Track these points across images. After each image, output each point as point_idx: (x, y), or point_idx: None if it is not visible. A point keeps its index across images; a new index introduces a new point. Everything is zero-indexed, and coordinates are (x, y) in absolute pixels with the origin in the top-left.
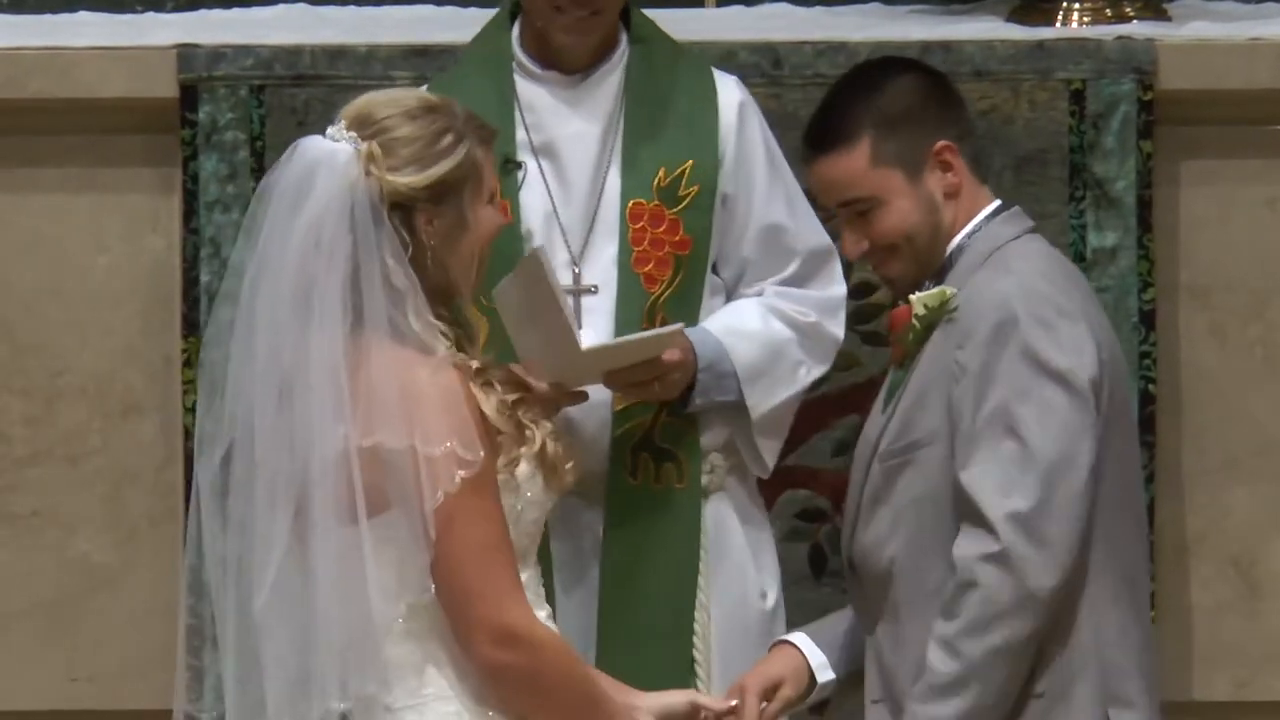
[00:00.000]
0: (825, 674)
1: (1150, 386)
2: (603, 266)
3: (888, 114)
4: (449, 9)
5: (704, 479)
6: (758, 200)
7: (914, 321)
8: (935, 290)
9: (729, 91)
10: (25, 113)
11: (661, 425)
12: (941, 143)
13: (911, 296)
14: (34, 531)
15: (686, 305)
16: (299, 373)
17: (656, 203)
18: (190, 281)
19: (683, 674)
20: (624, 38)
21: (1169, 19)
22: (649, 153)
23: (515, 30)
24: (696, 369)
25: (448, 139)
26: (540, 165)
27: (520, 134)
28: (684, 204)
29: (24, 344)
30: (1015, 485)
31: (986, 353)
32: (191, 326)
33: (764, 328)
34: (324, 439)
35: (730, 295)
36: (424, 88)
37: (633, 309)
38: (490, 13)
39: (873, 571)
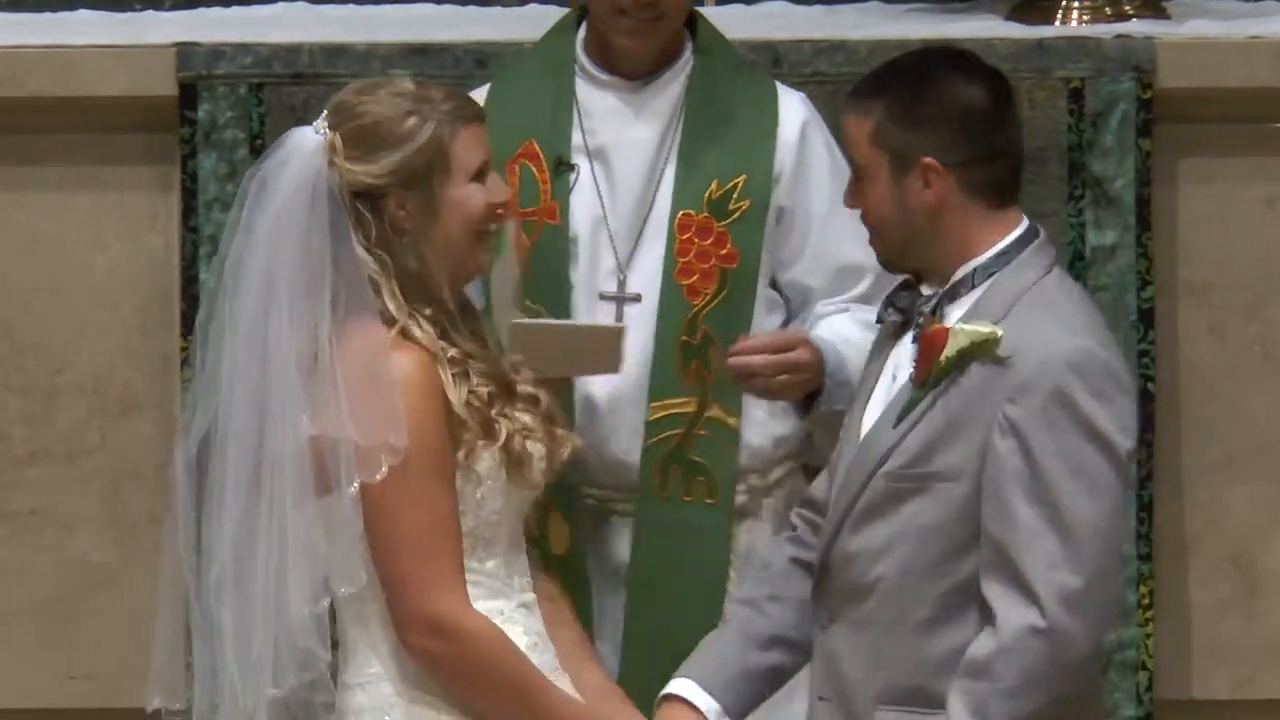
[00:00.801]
0: (719, 717)
1: (1149, 385)
2: (647, 275)
3: (906, 106)
4: (448, 7)
5: (739, 499)
6: (816, 219)
7: (950, 350)
8: (980, 326)
9: (792, 108)
10: (24, 111)
11: (696, 439)
12: (929, 160)
13: (954, 325)
14: (33, 530)
15: (734, 320)
16: (264, 360)
17: (705, 215)
18: (189, 280)
19: None
20: (689, 47)
21: (1168, 17)
22: (702, 164)
23: (580, 33)
24: (824, 374)
25: (410, 122)
26: (593, 169)
27: (576, 137)
28: (733, 218)
29: (23, 342)
30: (1065, 560)
31: (1044, 419)
32: (190, 325)
33: (865, 341)
34: (281, 425)
35: (796, 310)
36: (488, 85)
37: (674, 319)
38: (490, 11)
39: (852, 580)
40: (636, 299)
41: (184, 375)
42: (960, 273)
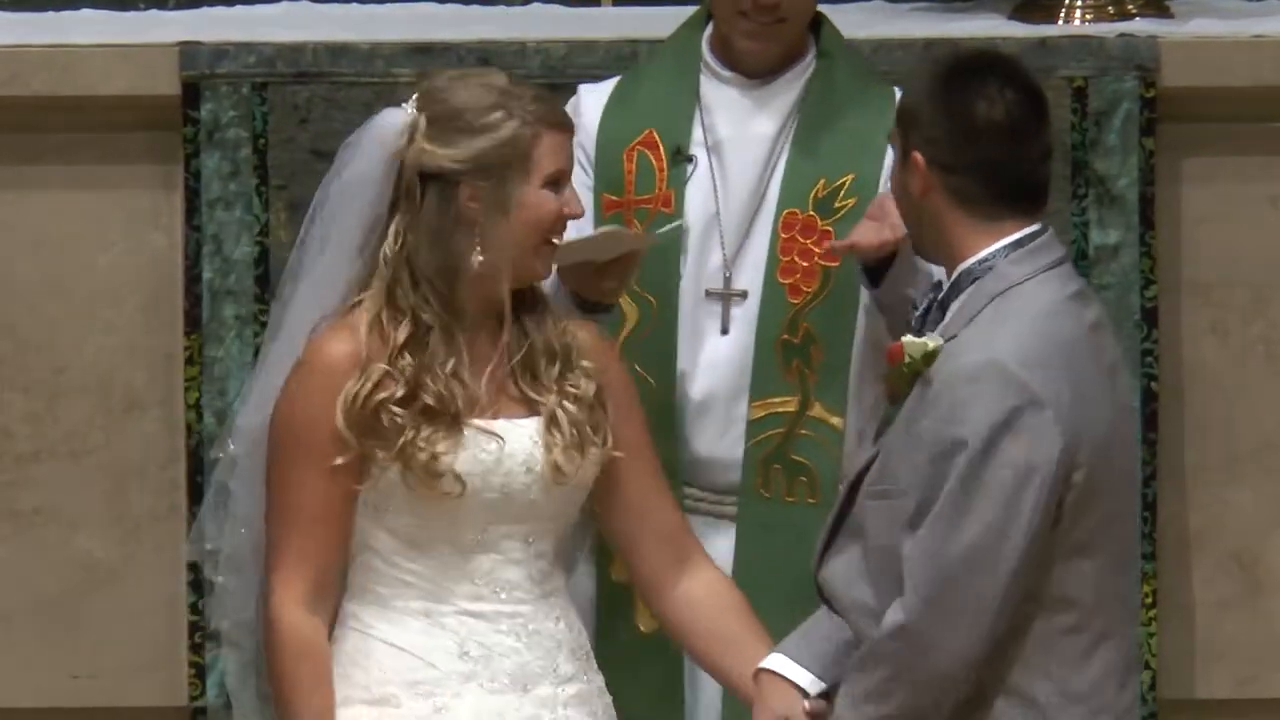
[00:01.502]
0: (818, 687)
1: (1152, 384)
2: (751, 272)
3: (915, 101)
4: (451, 6)
5: None
6: None
7: (904, 365)
8: (924, 340)
9: None
10: (28, 110)
11: (798, 438)
12: (916, 154)
13: (904, 339)
14: (36, 528)
15: (836, 319)
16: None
17: (810, 213)
18: (192, 278)
19: None
20: (813, 50)
21: (1171, 16)
22: (812, 164)
23: (707, 31)
24: (899, 249)
25: (495, 115)
26: (711, 163)
27: (696, 131)
28: (838, 216)
29: (26, 341)
30: (928, 570)
31: (943, 430)
32: (193, 323)
33: None
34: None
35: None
36: (617, 78)
37: (775, 318)
38: (492, 11)
39: (835, 601)
40: (743, 296)
41: (187, 373)
42: (953, 276)
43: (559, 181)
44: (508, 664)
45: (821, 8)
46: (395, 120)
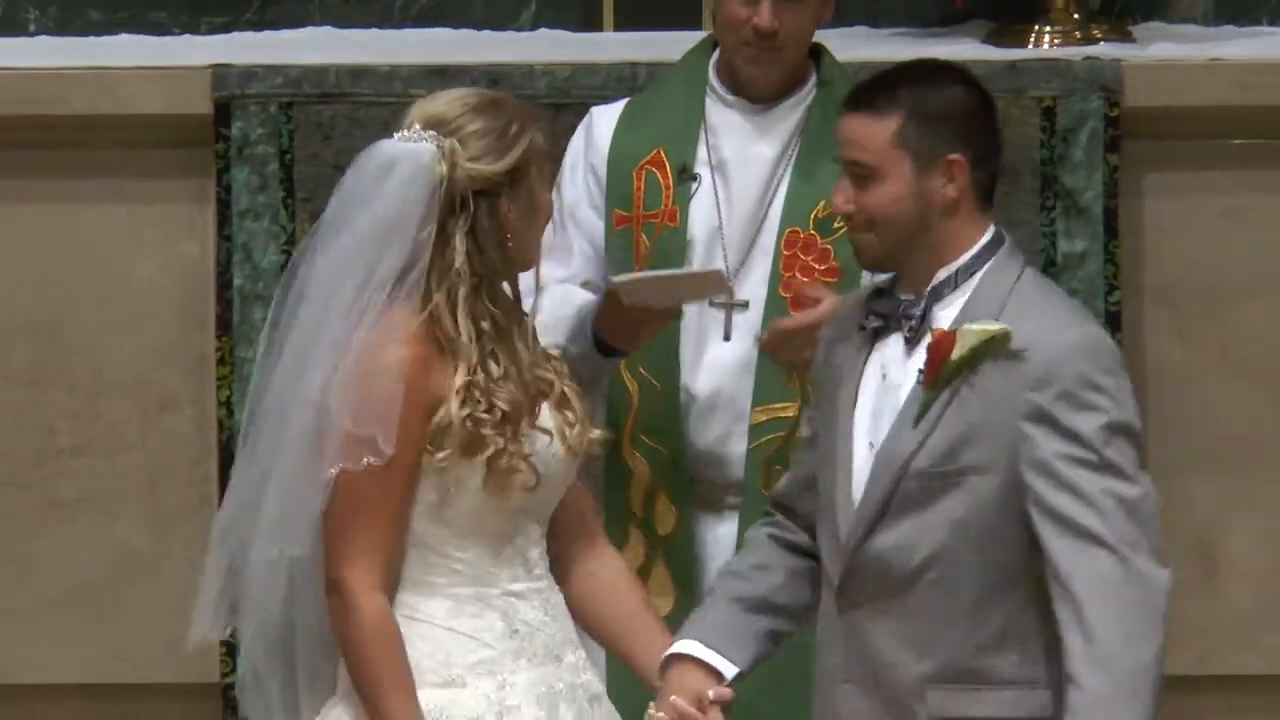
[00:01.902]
0: (733, 672)
1: None
2: (754, 285)
3: (927, 107)
4: (464, 31)
5: None
6: None
7: (960, 351)
8: (989, 326)
9: None
10: (70, 128)
11: (796, 441)
12: (956, 155)
13: (964, 327)
14: (78, 518)
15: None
16: (318, 334)
17: (811, 232)
18: (223, 285)
19: (798, 712)
20: (813, 78)
21: (1134, 41)
22: (813, 186)
23: (713, 57)
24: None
25: (514, 127)
26: (714, 181)
27: (701, 150)
28: (837, 235)
29: (68, 344)
30: (1129, 515)
31: (1070, 401)
32: (224, 327)
33: None
34: (307, 385)
35: None
36: (626, 100)
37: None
38: (503, 35)
39: (888, 574)
40: (745, 306)
41: (218, 374)
42: (942, 274)
43: (551, 177)
44: (543, 637)
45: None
46: (422, 154)
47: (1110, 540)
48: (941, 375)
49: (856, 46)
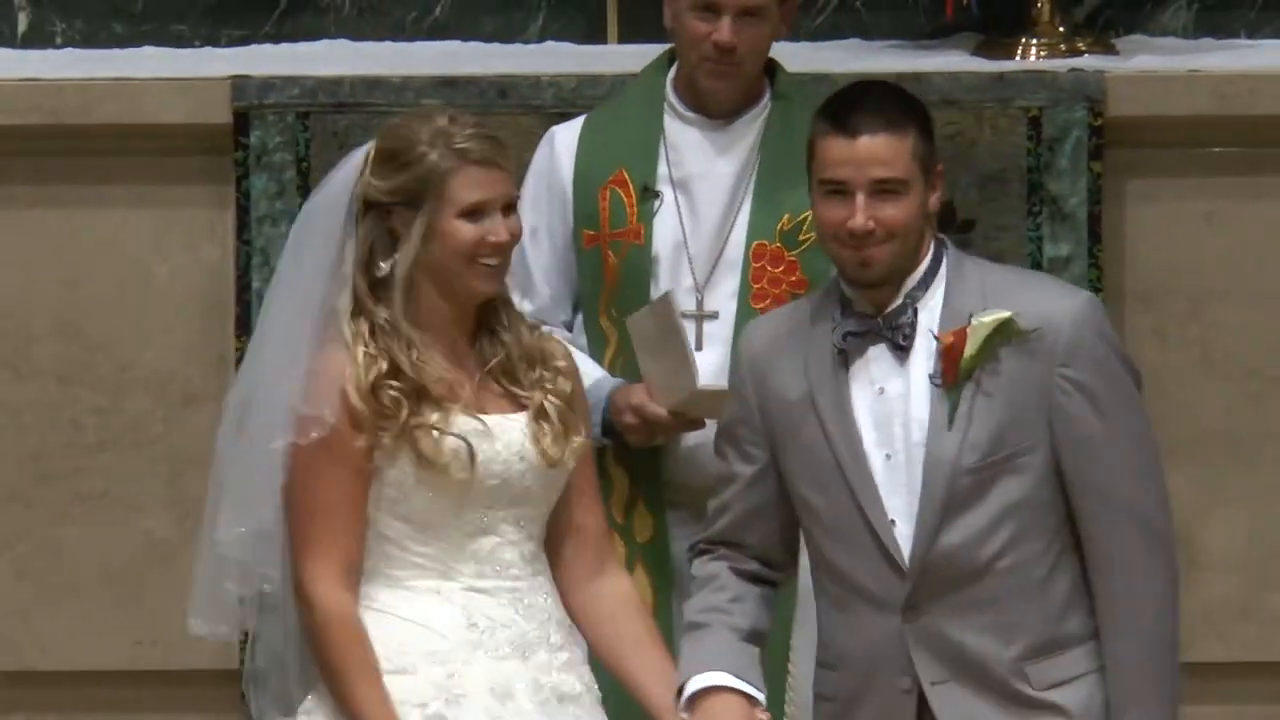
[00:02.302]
0: (761, 696)
1: None
2: (723, 297)
3: (926, 123)
4: (473, 44)
5: None
6: None
7: (974, 345)
8: (997, 314)
9: None
10: (96, 136)
11: None
12: (940, 165)
13: (972, 320)
14: (103, 510)
15: None
16: (273, 329)
17: (778, 245)
18: (243, 287)
19: None
20: (768, 93)
21: (1117, 53)
22: (776, 200)
23: (671, 73)
24: None
25: (419, 150)
26: (676, 198)
27: (662, 167)
28: (803, 248)
29: (95, 342)
30: (1154, 478)
31: (1099, 370)
32: (244, 327)
33: None
34: (276, 385)
35: None
36: (584, 116)
37: None
38: (511, 47)
39: (958, 569)
40: (714, 316)
41: (238, 372)
42: (913, 280)
43: (480, 212)
44: (509, 634)
45: (807, 46)
46: (359, 155)
47: (1148, 510)
48: (961, 373)
49: (850, 58)
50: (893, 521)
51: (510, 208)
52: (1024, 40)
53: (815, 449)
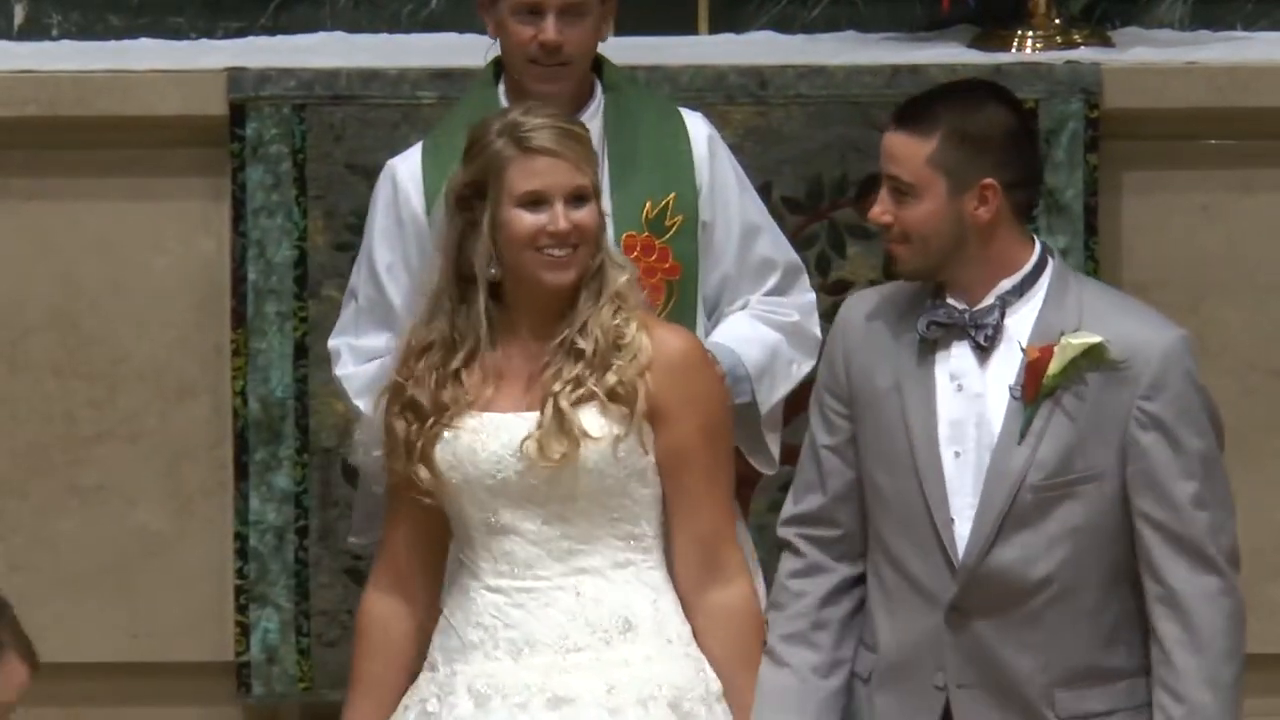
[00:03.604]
0: None
1: None
2: None
3: (965, 130)
4: (470, 36)
5: None
6: (735, 225)
7: (1059, 364)
8: (1087, 338)
9: (697, 127)
10: (92, 128)
11: None
12: (989, 180)
13: (1062, 340)
14: (99, 503)
15: (682, 324)
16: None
17: (647, 234)
18: (238, 279)
19: None
20: (598, 87)
21: (1113, 45)
22: (634, 188)
23: (501, 87)
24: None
25: (488, 139)
26: None
27: None
28: (671, 233)
29: (90, 335)
30: (1223, 524)
31: (1179, 407)
32: (239, 319)
33: (759, 333)
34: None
35: (714, 311)
36: (419, 144)
37: None
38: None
39: (1010, 584)
40: None
41: (233, 364)
42: (1007, 284)
43: (538, 201)
44: (512, 634)
45: (802, 38)
46: None
47: (1220, 563)
48: (1042, 390)
49: (846, 50)
50: (952, 520)
51: (580, 198)
52: (1020, 33)
53: (893, 432)
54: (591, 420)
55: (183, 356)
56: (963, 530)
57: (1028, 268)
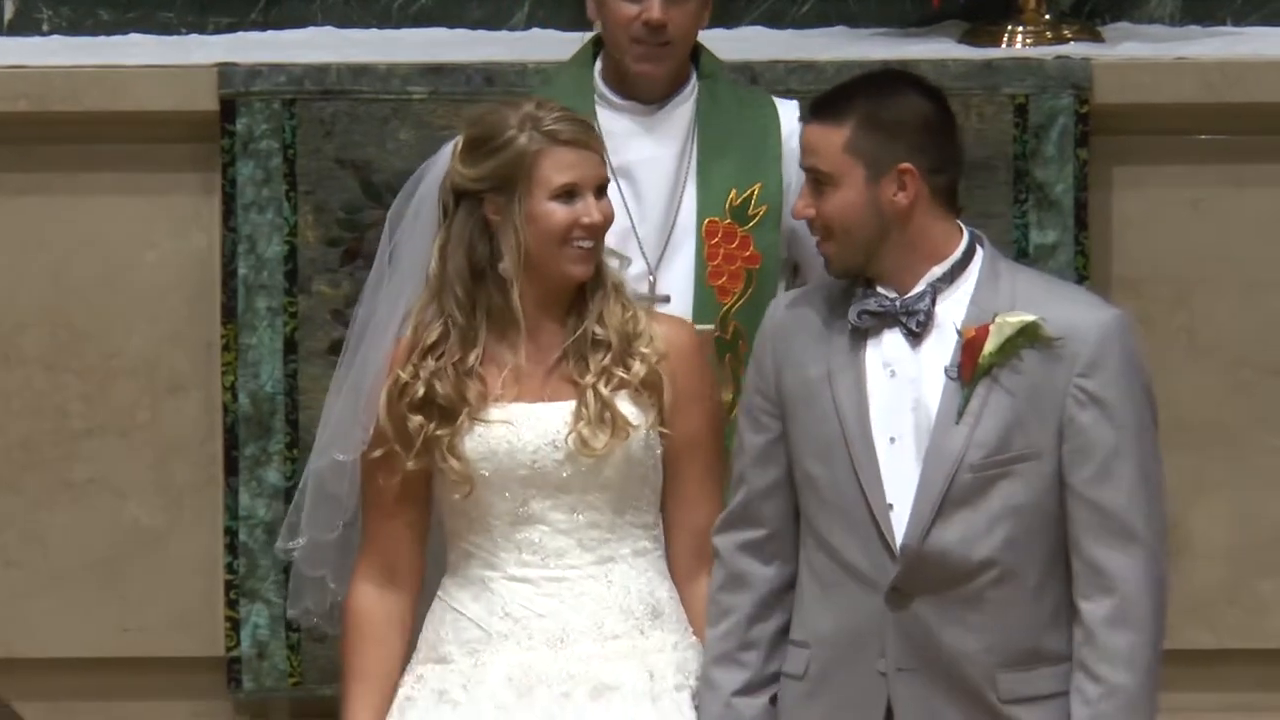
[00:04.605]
0: None
1: None
2: (676, 278)
3: (879, 115)
4: (460, 31)
5: None
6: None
7: (994, 344)
8: (1023, 316)
9: (790, 119)
10: (83, 124)
11: (731, 423)
12: (906, 165)
13: (996, 319)
14: (90, 497)
15: (759, 314)
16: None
17: (730, 221)
18: (229, 274)
19: None
20: (694, 75)
21: (1103, 40)
22: (720, 176)
23: (598, 65)
24: None
25: (507, 134)
26: (619, 185)
27: None
28: (754, 222)
29: (81, 330)
30: (1153, 502)
31: (1118, 386)
32: (230, 314)
33: None
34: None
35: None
36: None
37: (707, 318)
38: (497, 35)
39: (952, 565)
40: (666, 299)
41: (224, 359)
42: (938, 270)
43: (572, 193)
44: (547, 624)
45: (791, 34)
46: (446, 150)
47: (1151, 543)
48: (979, 369)
49: (837, 45)
50: (890, 505)
51: (602, 190)
52: (1010, 28)
53: (825, 422)
54: (628, 409)
55: (173, 351)
56: (901, 515)
57: (957, 254)
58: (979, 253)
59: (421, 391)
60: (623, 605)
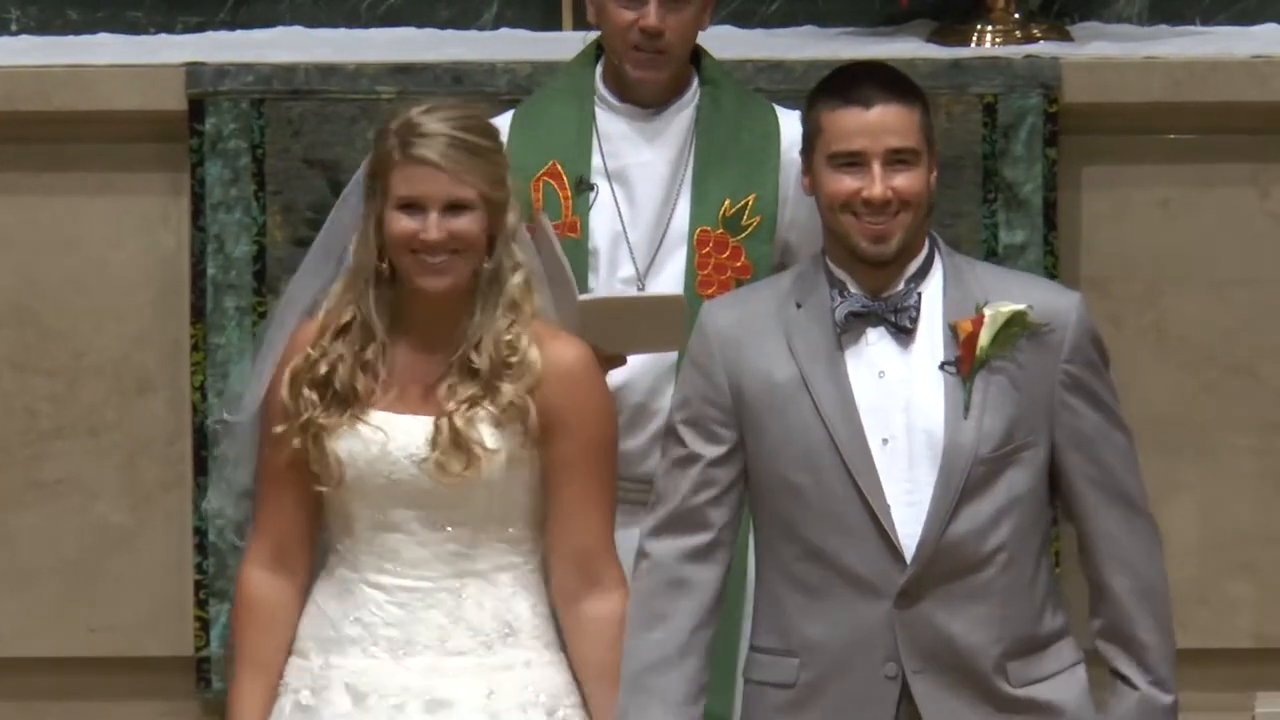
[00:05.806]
0: None
1: None
2: (666, 285)
3: (926, 100)
4: (428, 30)
5: None
6: (809, 232)
7: (988, 335)
8: (1013, 305)
9: (791, 129)
10: (51, 123)
11: None
12: (936, 146)
13: (987, 309)
14: (59, 497)
15: None
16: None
17: (721, 231)
18: (198, 274)
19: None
20: (695, 80)
21: (1072, 40)
22: (716, 185)
23: (599, 67)
24: None
25: (385, 134)
26: (613, 189)
27: (596, 160)
28: (746, 233)
29: (49, 329)
30: (1138, 474)
31: (1093, 368)
32: (198, 314)
33: None
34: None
35: None
36: (512, 111)
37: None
38: (466, 34)
39: (964, 558)
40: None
41: (192, 359)
42: (913, 266)
43: (410, 206)
44: (391, 633)
45: (761, 33)
46: None
47: (1145, 507)
48: (977, 361)
49: (806, 45)
50: (889, 506)
51: (456, 208)
52: (979, 27)
53: (807, 430)
54: (488, 433)
55: (142, 351)
56: (902, 516)
57: (926, 249)
58: (938, 246)
59: (324, 370)
60: (471, 622)
